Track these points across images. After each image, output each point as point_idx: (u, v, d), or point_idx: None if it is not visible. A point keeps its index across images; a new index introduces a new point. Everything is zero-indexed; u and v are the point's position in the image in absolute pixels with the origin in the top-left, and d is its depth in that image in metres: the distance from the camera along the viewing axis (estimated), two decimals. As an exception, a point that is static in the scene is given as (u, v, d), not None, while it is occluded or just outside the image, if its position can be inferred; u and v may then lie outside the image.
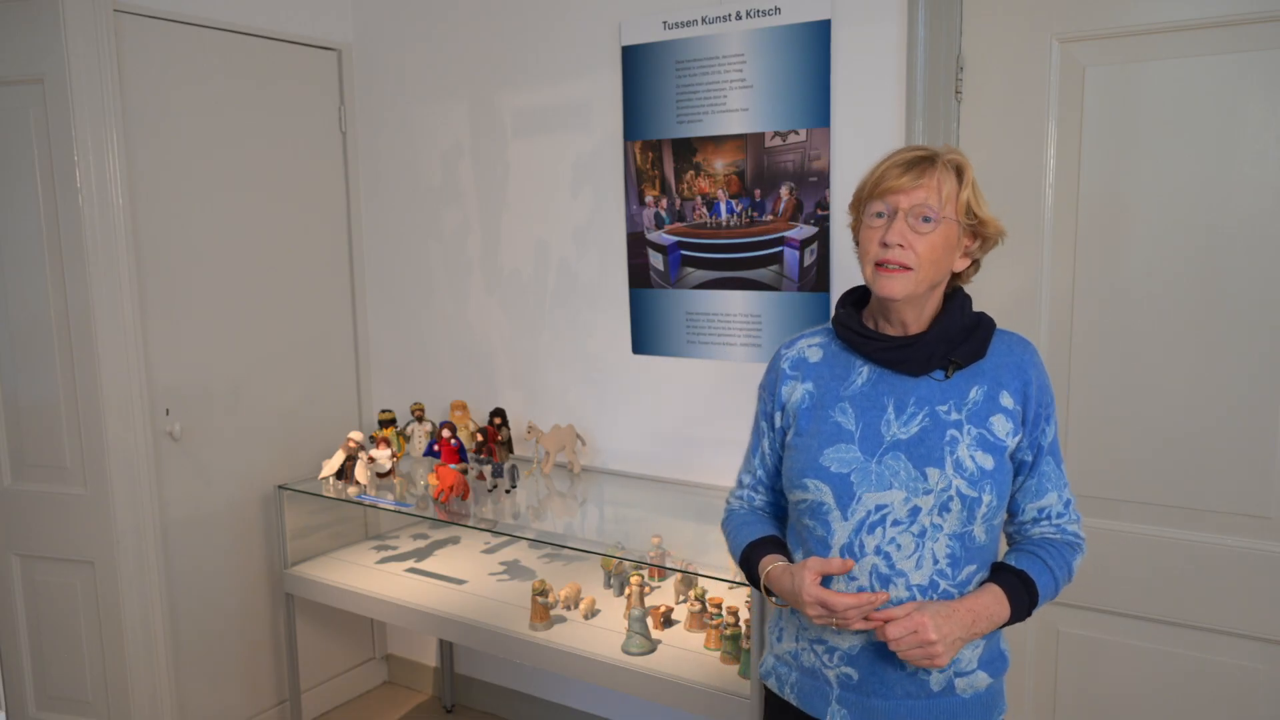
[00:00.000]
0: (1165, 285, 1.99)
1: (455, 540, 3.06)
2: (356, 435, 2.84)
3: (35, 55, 2.45)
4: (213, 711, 2.92)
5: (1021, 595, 1.38)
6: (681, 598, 2.50)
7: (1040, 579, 1.40)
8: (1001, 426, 1.40)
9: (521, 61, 2.82)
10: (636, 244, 2.67)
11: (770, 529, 1.55)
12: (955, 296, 1.46)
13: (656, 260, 2.64)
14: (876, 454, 1.39)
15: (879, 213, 1.39)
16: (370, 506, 2.91)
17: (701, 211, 2.55)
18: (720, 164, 2.50)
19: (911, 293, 1.38)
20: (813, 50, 2.33)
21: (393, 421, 3.05)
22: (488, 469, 2.72)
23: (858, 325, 1.46)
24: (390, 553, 2.99)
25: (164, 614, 2.72)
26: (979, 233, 1.42)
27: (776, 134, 2.40)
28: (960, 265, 1.43)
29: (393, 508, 2.71)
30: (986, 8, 2.10)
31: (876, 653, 1.40)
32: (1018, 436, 1.41)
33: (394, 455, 2.84)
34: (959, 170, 1.39)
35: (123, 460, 2.59)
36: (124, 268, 2.55)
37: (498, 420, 2.90)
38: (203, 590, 2.86)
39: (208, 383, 2.83)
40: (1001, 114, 2.11)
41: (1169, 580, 2.04)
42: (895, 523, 1.37)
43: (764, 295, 2.49)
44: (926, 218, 1.36)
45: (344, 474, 2.81)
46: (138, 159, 2.61)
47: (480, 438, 2.84)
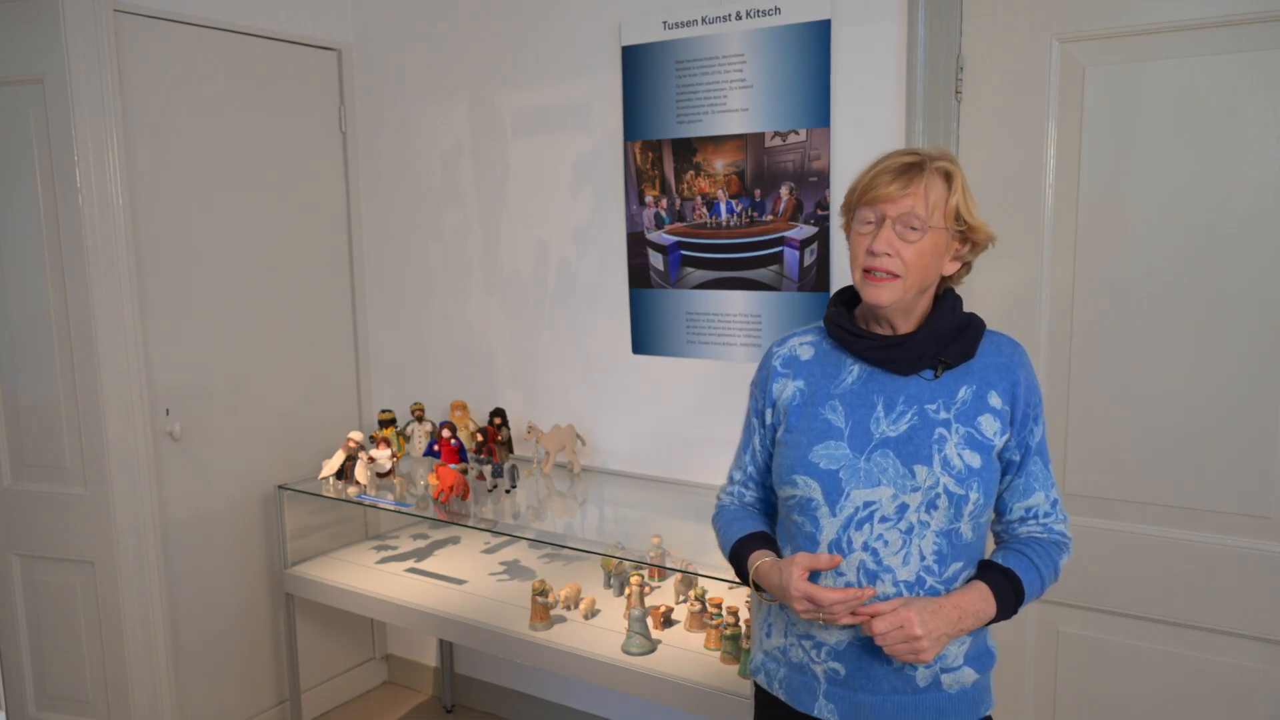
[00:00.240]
0: (1165, 285, 1.99)
1: (455, 540, 3.06)
2: (356, 435, 2.84)
3: (35, 55, 2.45)
4: (213, 711, 2.92)
5: (1008, 593, 1.40)
6: (681, 598, 2.50)
7: (1027, 577, 1.41)
8: (989, 426, 1.41)
9: (521, 61, 2.82)
10: (636, 244, 2.67)
11: (760, 525, 1.56)
12: (946, 297, 1.47)
13: (656, 260, 2.64)
14: (865, 451, 1.41)
15: (867, 219, 1.40)
16: (370, 506, 2.91)
17: (701, 211, 2.55)
18: (720, 164, 2.50)
19: (899, 300, 1.39)
20: (813, 50, 2.33)
21: (393, 421, 3.05)
22: (488, 469, 2.72)
23: (849, 324, 1.47)
24: (390, 553, 2.99)
25: (164, 614, 2.72)
26: (968, 237, 1.42)
27: (776, 134, 2.40)
28: (950, 269, 1.44)
29: (393, 508, 2.71)
30: (986, 8, 2.10)
31: (863, 648, 1.41)
32: (1005, 436, 1.42)
33: (394, 455, 2.84)
34: (948, 176, 1.39)
35: (123, 460, 2.59)
36: (124, 268, 2.55)
37: (498, 420, 2.90)
38: (203, 590, 2.86)
39: (208, 383, 2.83)
40: (1001, 114, 2.12)
41: (1169, 580, 2.04)
42: (883, 519, 1.38)
43: (764, 295, 2.49)
44: (914, 226, 1.36)
45: (344, 474, 2.81)
46: (138, 159, 2.61)
47: (480, 438, 2.84)
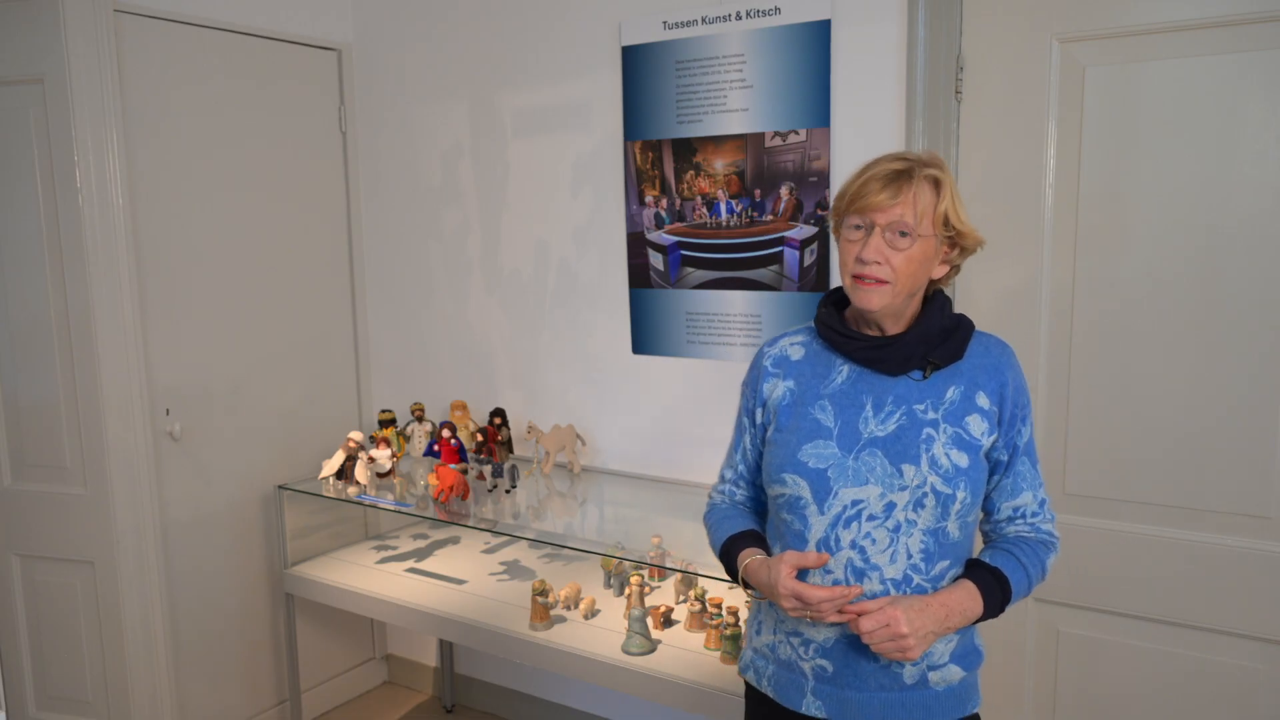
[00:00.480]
0: (1165, 285, 1.99)
1: (455, 540, 3.06)
2: (356, 435, 2.84)
3: (35, 55, 2.45)
4: (213, 711, 2.92)
5: (995, 592, 1.40)
6: (681, 598, 2.50)
7: (1014, 577, 1.42)
8: (977, 426, 1.41)
9: (521, 61, 2.82)
10: (636, 244, 2.67)
11: (750, 523, 1.57)
12: (935, 299, 1.48)
13: (656, 260, 2.64)
14: (854, 450, 1.41)
15: (857, 225, 1.40)
16: (370, 506, 2.91)
17: (701, 211, 2.55)
18: (720, 164, 2.50)
19: (889, 305, 1.40)
20: (813, 50, 2.33)
21: (393, 421, 3.05)
22: (488, 469, 2.72)
23: (838, 325, 1.48)
24: (390, 553, 2.99)
25: (164, 614, 2.72)
26: (957, 242, 1.43)
27: (776, 134, 2.40)
28: (939, 272, 1.45)
29: (393, 508, 2.71)
30: (986, 8, 2.10)
31: (851, 645, 1.42)
32: (993, 436, 1.43)
33: (394, 455, 2.84)
34: (936, 183, 1.39)
35: (123, 460, 2.59)
36: (124, 268, 2.55)
37: (498, 420, 2.90)
38: (203, 590, 2.86)
39: (208, 383, 2.83)
40: (1001, 114, 2.11)
41: (1169, 580, 2.04)
42: (870, 518, 1.39)
43: (764, 295, 2.49)
44: (903, 232, 1.37)
45: (344, 474, 2.81)
46: (138, 159, 2.61)
47: (480, 438, 2.84)
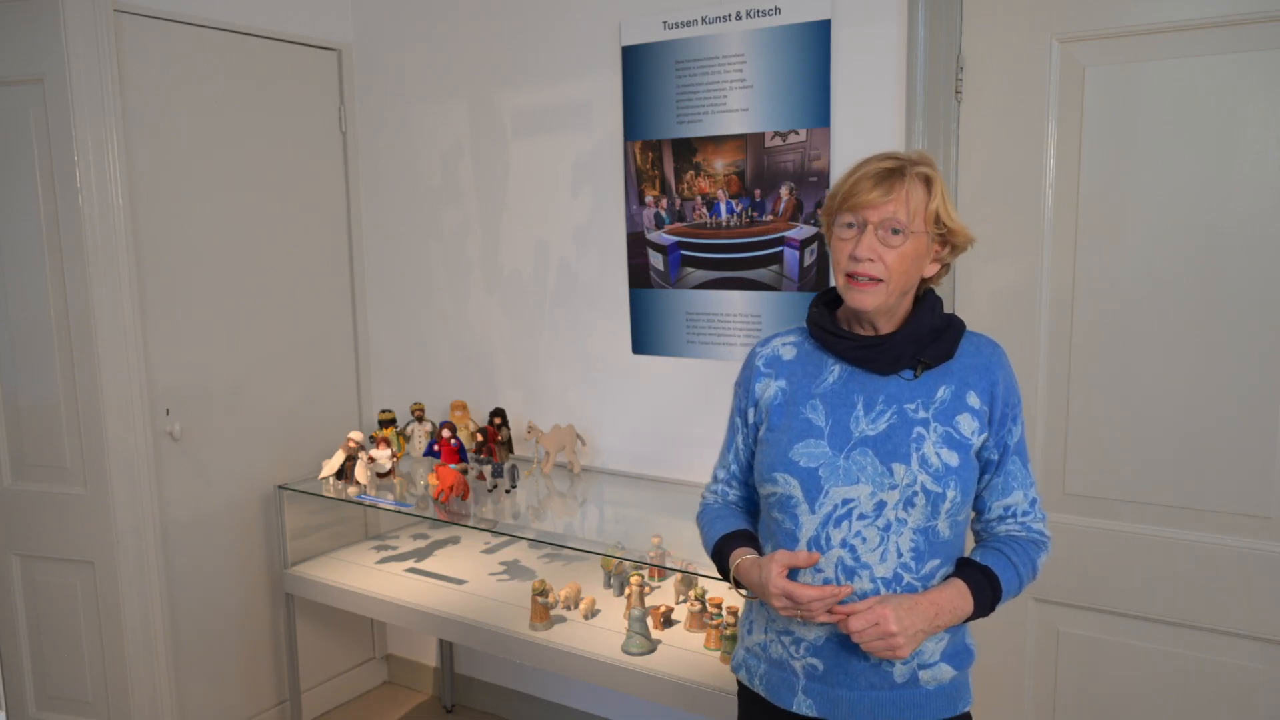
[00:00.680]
0: (1165, 285, 1.99)
1: (455, 540, 3.06)
2: (356, 435, 2.84)
3: (35, 55, 2.45)
4: (213, 711, 2.92)
5: (985, 590, 1.41)
6: (681, 598, 2.50)
7: (1004, 575, 1.43)
8: (967, 425, 1.42)
9: (521, 61, 2.82)
10: (636, 244, 2.67)
11: (742, 523, 1.57)
12: (926, 299, 1.49)
13: (656, 260, 2.64)
14: (845, 449, 1.42)
15: (849, 224, 1.41)
16: (370, 506, 2.91)
17: (701, 211, 2.55)
18: (720, 164, 2.50)
19: (883, 303, 1.41)
20: (813, 50, 2.33)
21: (393, 421, 3.05)
22: (488, 469, 2.72)
23: (830, 324, 1.49)
24: (390, 553, 2.99)
25: (164, 614, 2.72)
26: (948, 239, 1.45)
27: (776, 134, 2.40)
28: (930, 270, 1.46)
29: (393, 508, 2.71)
30: (986, 8, 2.10)
31: (841, 644, 1.42)
32: (983, 435, 1.43)
33: (394, 455, 2.84)
34: (927, 181, 1.41)
35: (123, 460, 2.59)
36: (124, 268, 2.55)
37: (498, 420, 2.90)
38: (203, 590, 2.86)
39: (208, 383, 2.83)
40: (1001, 114, 2.11)
41: (1169, 580, 2.04)
42: (861, 516, 1.39)
43: (764, 295, 2.49)
44: (896, 229, 1.38)
45: (344, 474, 2.81)
46: (138, 159, 2.61)
47: (480, 438, 2.84)
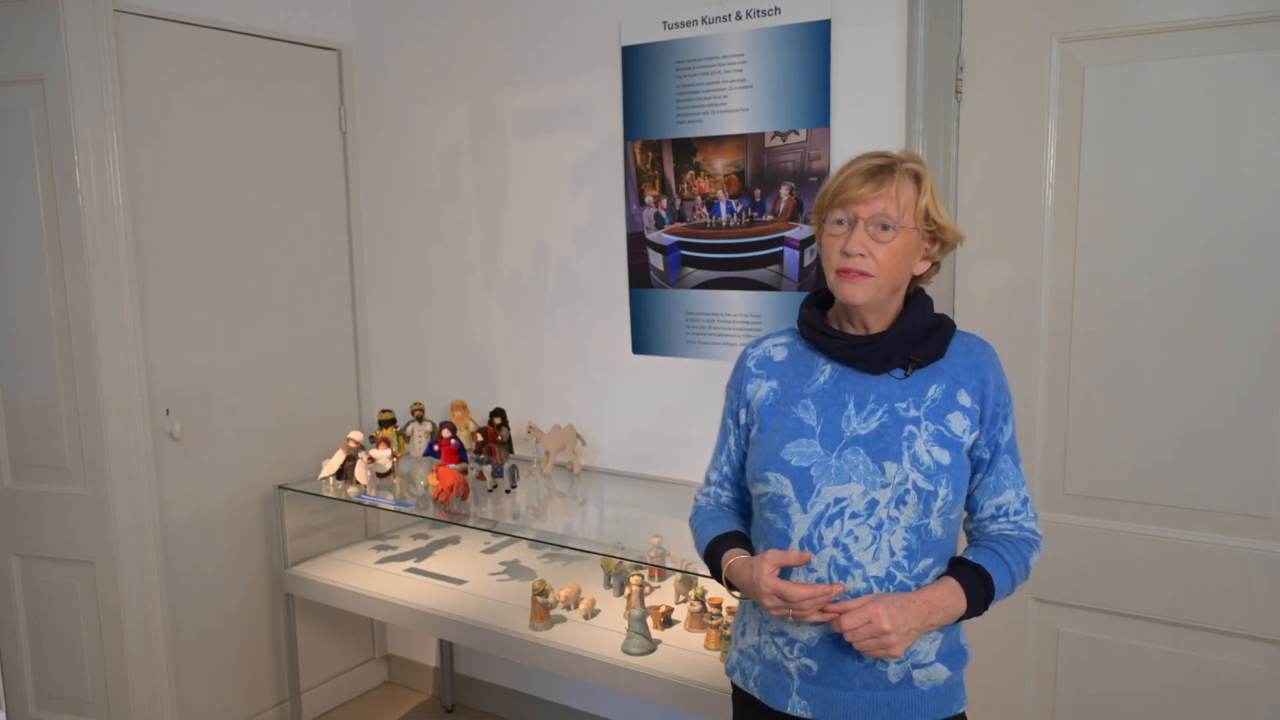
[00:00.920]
0: (1165, 285, 1.99)
1: (455, 540, 3.06)
2: (356, 435, 2.84)
3: (35, 55, 2.45)
4: (213, 711, 2.92)
5: (978, 589, 1.41)
6: (681, 598, 2.50)
7: (997, 574, 1.43)
8: (959, 423, 1.42)
9: (521, 61, 2.82)
10: (636, 244, 2.67)
11: (735, 525, 1.57)
12: (916, 298, 1.49)
13: (656, 260, 2.64)
14: (836, 448, 1.42)
15: (840, 220, 1.43)
16: (370, 506, 2.91)
17: (701, 211, 2.55)
18: (720, 164, 2.50)
19: (873, 298, 1.42)
20: (813, 50, 2.33)
21: (393, 421, 3.05)
22: (488, 469, 2.72)
23: (821, 324, 1.50)
24: (390, 553, 2.99)
25: (164, 614, 2.72)
26: (938, 237, 1.46)
27: (776, 134, 2.40)
28: (920, 268, 1.47)
29: (393, 508, 2.71)
30: (986, 8, 2.10)
31: (835, 644, 1.42)
32: (975, 434, 1.44)
33: (394, 455, 2.84)
34: (917, 178, 1.42)
35: (123, 460, 2.59)
36: (124, 268, 2.55)
37: (498, 420, 2.90)
38: (203, 590, 2.86)
39: (208, 383, 2.83)
40: (1001, 114, 2.11)
41: (1169, 580, 2.04)
42: (853, 515, 1.39)
43: (764, 295, 2.49)
44: (886, 225, 1.39)
45: (344, 474, 2.81)
46: (138, 159, 2.61)
47: (480, 438, 2.84)
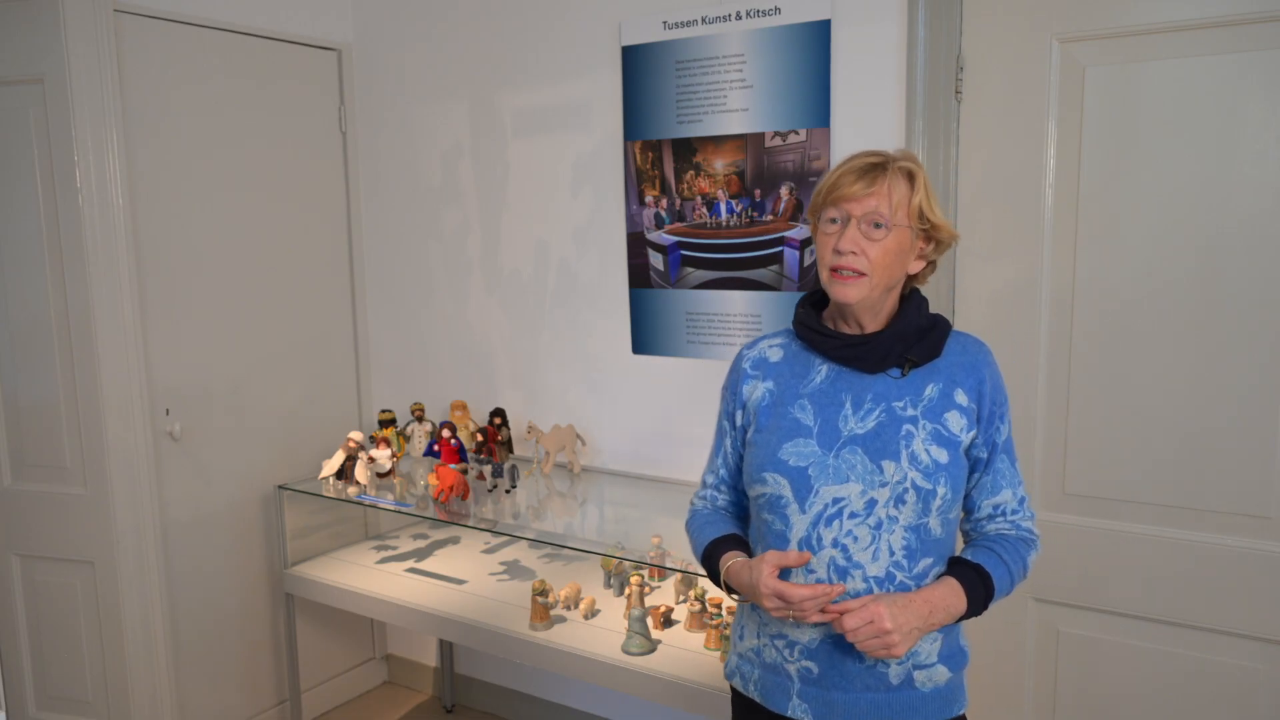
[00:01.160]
0: (1165, 285, 1.99)
1: (455, 540, 3.06)
2: (356, 435, 2.84)
3: (35, 55, 2.45)
4: (213, 711, 2.92)
5: (978, 588, 1.41)
6: (681, 598, 2.50)
7: (996, 573, 1.42)
8: (956, 422, 1.42)
9: (521, 61, 2.82)
10: (636, 244, 2.67)
11: (732, 528, 1.56)
12: (911, 298, 1.49)
13: (656, 260, 2.64)
14: (834, 448, 1.42)
15: (833, 219, 1.42)
16: (370, 506, 2.91)
17: (701, 211, 2.55)
18: (720, 164, 2.50)
19: (866, 297, 1.41)
20: (813, 50, 2.33)
21: (393, 421, 3.05)
22: (488, 469, 2.72)
23: (816, 324, 1.49)
24: (390, 553, 2.99)
25: (164, 614, 2.72)
26: (932, 236, 1.45)
27: (776, 134, 2.40)
28: (915, 267, 1.46)
29: (393, 508, 2.71)
30: (986, 8, 2.10)
31: (836, 646, 1.42)
32: (972, 433, 1.44)
33: (394, 455, 2.84)
34: (910, 176, 1.41)
35: (123, 460, 2.59)
36: (124, 268, 2.55)
37: (498, 420, 2.90)
38: (203, 590, 2.86)
39: (208, 383, 2.83)
40: (1001, 114, 2.11)
41: (1169, 580, 2.04)
42: (852, 515, 1.39)
43: (764, 295, 2.49)
44: (878, 223, 1.39)
45: (344, 474, 2.81)
46: (138, 159, 2.61)
47: (480, 438, 2.84)
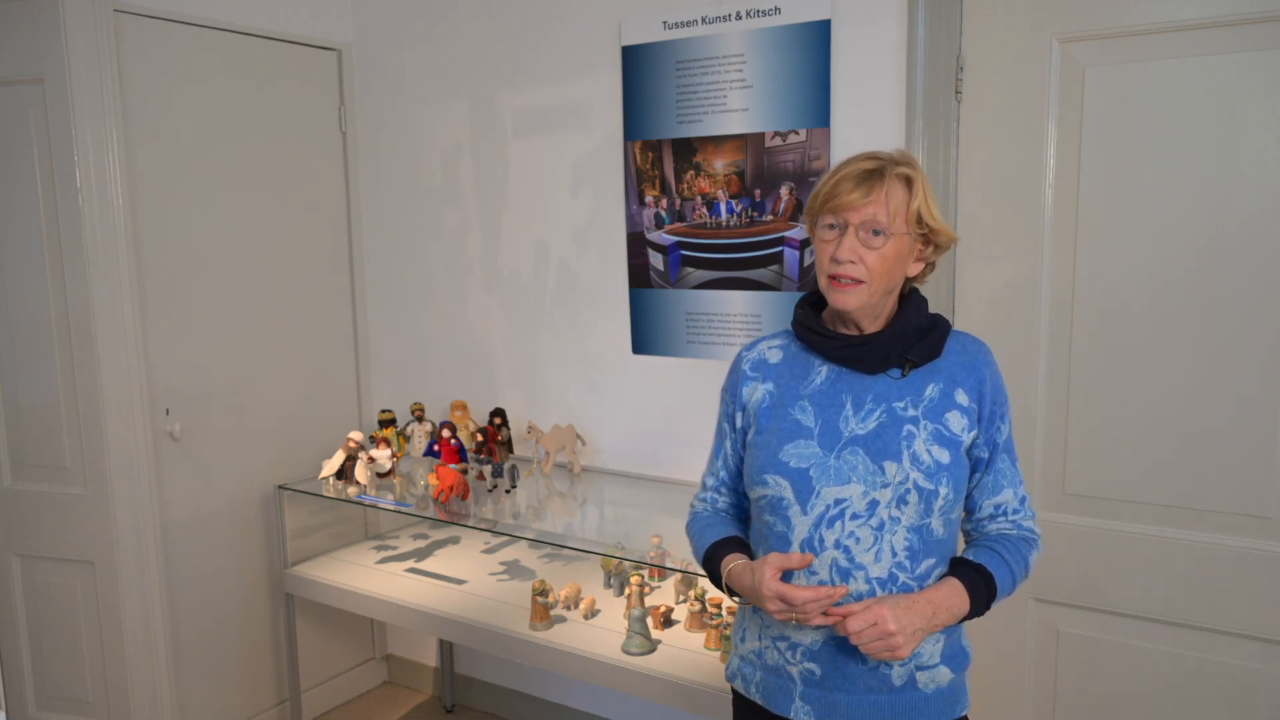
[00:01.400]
0: (1165, 285, 1.99)
1: (455, 540, 3.06)
2: (356, 435, 2.84)
3: (35, 55, 2.45)
4: (213, 711, 2.92)
5: (980, 588, 1.40)
6: (681, 598, 2.50)
7: (998, 573, 1.42)
8: (957, 422, 1.42)
9: (521, 61, 2.82)
10: (636, 244, 2.67)
11: (733, 530, 1.56)
12: (911, 297, 1.48)
13: (656, 260, 2.64)
14: (835, 449, 1.41)
15: (831, 225, 1.41)
16: (370, 506, 2.91)
17: (701, 211, 2.55)
18: (720, 164, 2.50)
19: (865, 303, 1.41)
20: (813, 50, 2.33)
21: (393, 421, 3.05)
22: (488, 469, 2.72)
23: (815, 325, 1.49)
24: (390, 553, 2.99)
25: (164, 614, 2.72)
26: (931, 239, 1.44)
27: (776, 134, 2.40)
28: (914, 269, 1.46)
29: (393, 508, 2.71)
30: (986, 8, 2.10)
31: (838, 648, 1.41)
32: (973, 433, 1.43)
33: (394, 455, 2.84)
34: (908, 181, 1.40)
35: (123, 460, 2.59)
36: (124, 268, 2.55)
37: (498, 420, 2.90)
38: (203, 590, 2.86)
39: (208, 383, 2.83)
40: (1001, 114, 2.11)
41: (1169, 580, 2.04)
42: (854, 516, 1.39)
43: (764, 295, 2.49)
44: (877, 230, 1.38)
45: (344, 474, 2.81)
46: (138, 159, 2.61)
47: (480, 438, 2.84)
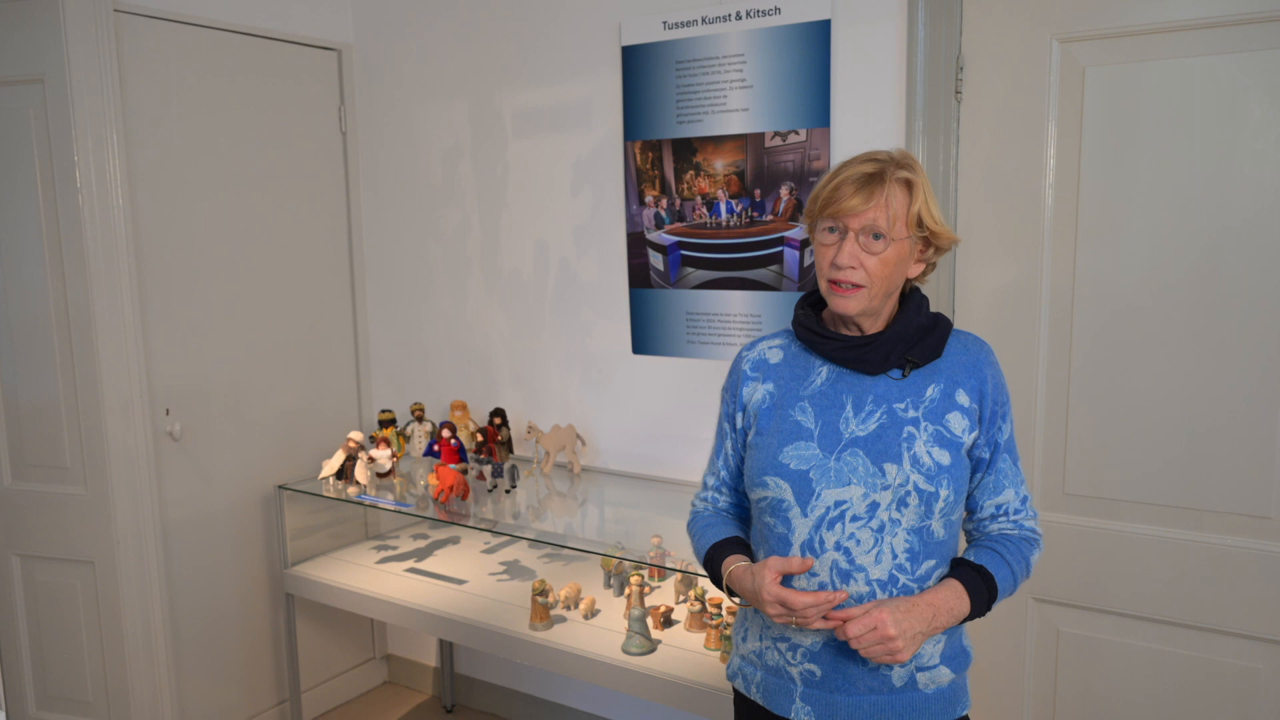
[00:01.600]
0: (1165, 285, 1.99)
1: (455, 540, 3.06)
2: (356, 435, 2.84)
3: (35, 55, 2.45)
4: (213, 711, 2.92)
5: (981, 590, 1.40)
6: (681, 598, 2.50)
7: (999, 573, 1.42)
8: (958, 423, 1.41)
9: (521, 61, 2.82)
10: (636, 244, 2.67)
11: (734, 530, 1.56)
12: (912, 297, 1.48)
13: (656, 260, 2.64)
14: (835, 451, 1.41)
15: (830, 229, 1.40)
16: (370, 506, 2.91)
17: (701, 211, 2.55)
18: (720, 164, 2.50)
19: (866, 307, 1.41)
20: (813, 50, 2.33)
21: (393, 421, 3.05)
22: (488, 469, 2.72)
23: (816, 325, 1.48)
24: (390, 553, 2.99)
25: (164, 614, 2.72)
26: (932, 241, 1.43)
27: (776, 134, 2.40)
28: (915, 271, 1.46)
29: (393, 508, 2.71)
30: (986, 8, 2.10)
31: (839, 649, 1.41)
32: (974, 434, 1.43)
33: (394, 455, 2.84)
34: (908, 185, 1.39)
35: (123, 460, 2.59)
36: (124, 267, 2.55)
37: (498, 420, 2.90)
38: (203, 590, 2.86)
39: (208, 383, 2.83)
40: (1001, 114, 2.11)
41: (1169, 580, 2.04)
42: (854, 518, 1.38)
43: (764, 295, 2.49)
44: (877, 235, 1.37)
45: (344, 474, 2.81)
46: (138, 159, 2.61)
47: (480, 438, 2.84)
